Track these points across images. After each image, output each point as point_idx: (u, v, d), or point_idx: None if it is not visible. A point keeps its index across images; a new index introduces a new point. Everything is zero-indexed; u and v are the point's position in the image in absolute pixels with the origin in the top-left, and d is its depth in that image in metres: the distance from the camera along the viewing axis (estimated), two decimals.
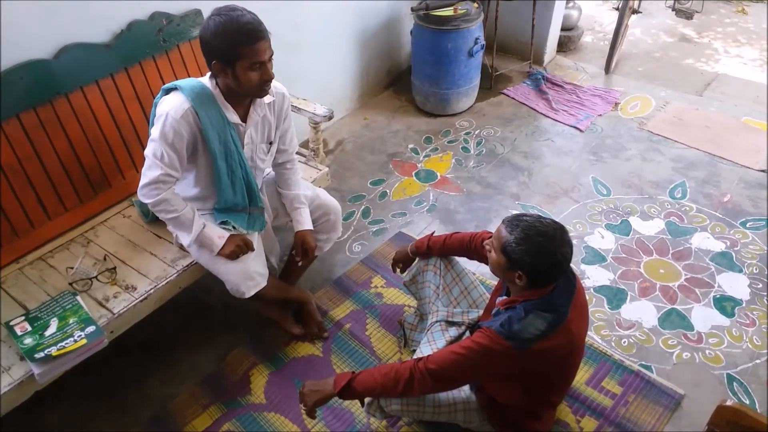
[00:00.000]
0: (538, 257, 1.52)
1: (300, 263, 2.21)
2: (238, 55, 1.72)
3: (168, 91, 1.86)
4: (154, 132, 1.82)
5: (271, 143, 2.09)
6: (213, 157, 1.88)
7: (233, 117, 1.90)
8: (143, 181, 1.87)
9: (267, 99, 1.93)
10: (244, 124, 1.94)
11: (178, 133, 1.80)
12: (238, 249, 1.98)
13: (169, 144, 1.81)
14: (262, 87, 1.82)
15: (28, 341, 1.73)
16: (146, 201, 1.90)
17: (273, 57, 1.79)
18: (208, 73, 1.88)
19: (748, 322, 2.34)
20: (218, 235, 1.97)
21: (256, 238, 2.08)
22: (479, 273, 2.48)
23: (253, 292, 2.03)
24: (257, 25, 1.73)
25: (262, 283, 2.06)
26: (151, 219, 2.20)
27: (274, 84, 1.92)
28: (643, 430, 1.98)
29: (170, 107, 1.79)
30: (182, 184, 2.00)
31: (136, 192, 2.28)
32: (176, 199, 1.91)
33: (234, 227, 2.01)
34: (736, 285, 2.49)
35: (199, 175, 1.97)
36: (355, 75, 3.65)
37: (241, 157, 1.95)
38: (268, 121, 2.02)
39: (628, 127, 3.51)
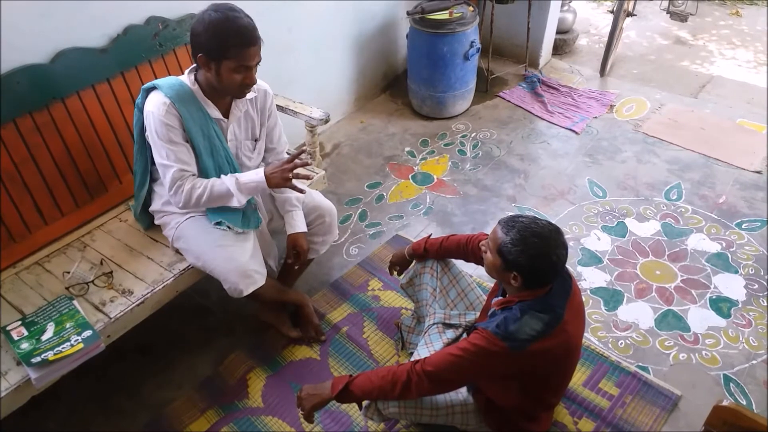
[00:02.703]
0: (533, 259, 1.52)
1: (296, 267, 2.21)
2: (226, 55, 1.74)
3: (148, 91, 1.88)
4: (150, 137, 1.84)
5: (256, 140, 2.10)
6: (198, 154, 1.89)
7: (214, 112, 1.91)
8: (167, 189, 1.88)
9: (249, 95, 1.95)
10: (226, 120, 1.96)
11: (169, 126, 1.82)
12: (284, 180, 1.90)
13: (166, 140, 1.82)
14: (242, 90, 1.86)
15: (25, 346, 1.73)
16: (180, 206, 1.90)
17: (260, 63, 1.82)
18: (187, 71, 1.90)
19: (744, 322, 2.35)
20: (255, 175, 1.91)
21: (252, 237, 2.07)
22: (476, 275, 2.48)
23: (251, 290, 2.01)
24: (252, 30, 1.76)
25: (260, 281, 2.04)
26: (147, 227, 2.19)
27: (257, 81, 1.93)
28: (640, 431, 1.98)
29: (152, 106, 1.83)
30: None
31: (132, 196, 2.31)
32: (198, 181, 1.90)
33: (229, 227, 1.99)
34: (732, 286, 2.50)
35: None
36: (351, 78, 3.66)
37: (227, 153, 1.96)
38: (250, 117, 2.04)
39: (623, 130, 3.52)
